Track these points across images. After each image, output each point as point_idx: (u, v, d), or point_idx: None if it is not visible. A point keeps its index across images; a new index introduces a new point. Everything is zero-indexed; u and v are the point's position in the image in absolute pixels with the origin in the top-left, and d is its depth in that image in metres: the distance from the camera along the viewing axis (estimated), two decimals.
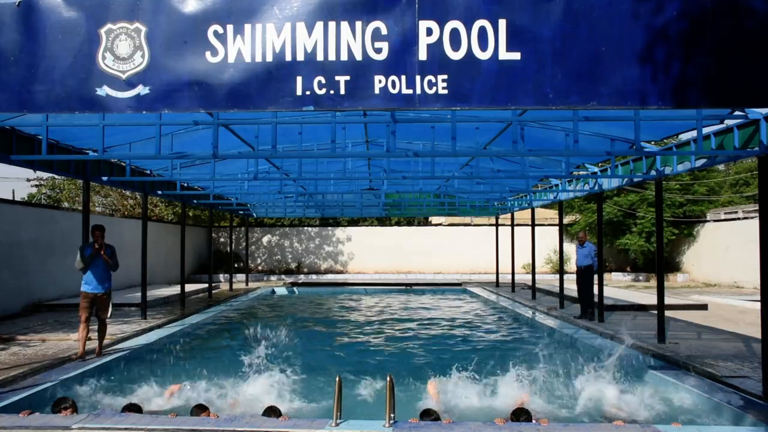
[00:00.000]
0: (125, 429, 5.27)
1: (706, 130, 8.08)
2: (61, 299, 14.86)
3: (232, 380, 7.63)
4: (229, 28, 4.12)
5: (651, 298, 15.19)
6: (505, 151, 10.87)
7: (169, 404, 6.83)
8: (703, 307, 14.97)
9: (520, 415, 5.75)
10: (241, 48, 4.12)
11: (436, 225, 34.24)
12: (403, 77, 4.08)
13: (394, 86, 4.09)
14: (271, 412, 5.89)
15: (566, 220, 27.61)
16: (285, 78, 4.12)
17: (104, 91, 4.19)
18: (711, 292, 19.75)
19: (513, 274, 21.01)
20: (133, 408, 6.04)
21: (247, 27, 4.11)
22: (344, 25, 4.07)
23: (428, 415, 5.77)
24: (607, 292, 14.73)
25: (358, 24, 4.07)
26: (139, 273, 13.77)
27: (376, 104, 4.14)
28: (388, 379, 5.40)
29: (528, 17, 4.02)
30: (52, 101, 4.24)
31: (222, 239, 30.75)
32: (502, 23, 4.02)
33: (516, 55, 4.04)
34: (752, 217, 22.11)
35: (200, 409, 6.06)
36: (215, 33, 4.13)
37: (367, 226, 32.74)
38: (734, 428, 5.78)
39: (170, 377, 7.60)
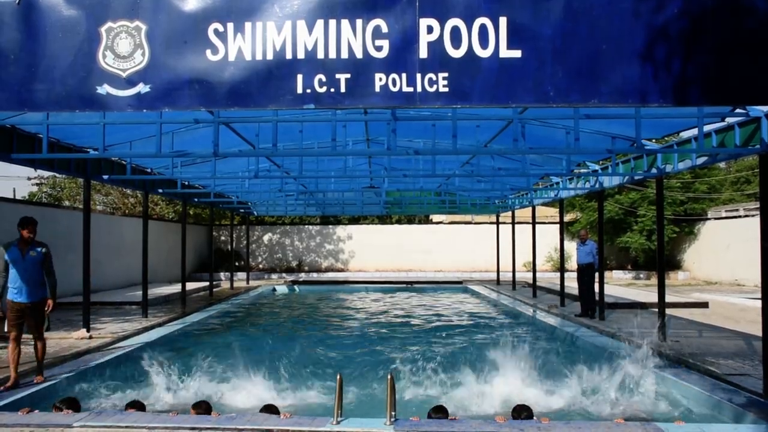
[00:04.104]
0: (126, 427, 5.28)
1: (707, 128, 8.08)
2: (62, 298, 14.85)
3: (232, 378, 7.64)
4: (230, 26, 4.12)
5: (652, 296, 15.15)
6: (505, 149, 10.87)
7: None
8: (704, 305, 14.97)
9: (522, 412, 5.76)
10: (242, 46, 4.12)
11: (437, 223, 34.23)
12: (404, 75, 4.08)
13: (394, 84, 4.09)
14: (269, 410, 5.89)
15: (567, 218, 27.60)
16: (285, 76, 4.12)
17: (105, 89, 4.19)
18: (712, 290, 19.75)
19: (514, 272, 21.01)
20: (137, 405, 6.05)
21: (248, 25, 4.11)
22: (345, 23, 4.07)
23: (438, 412, 5.76)
24: (608, 290, 14.74)
25: (359, 22, 4.07)
26: (139, 271, 13.79)
27: (376, 102, 4.15)
28: (388, 376, 5.40)
29: (528, 15, 4.02)
30: (52, 100, 4.24)
31: (223, 237, 30.76)
32: (503, 21, 4.02)
33: (517, 53, 4.04)
34: (753, 215, 22.09)
35: (199, 407, 6.06)
36: (216, 31, 4.13)
37: (367, 224, 32.75)
38: (735, 426, 5.78)
39: (172, 374, 7.61)
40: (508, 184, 15.81)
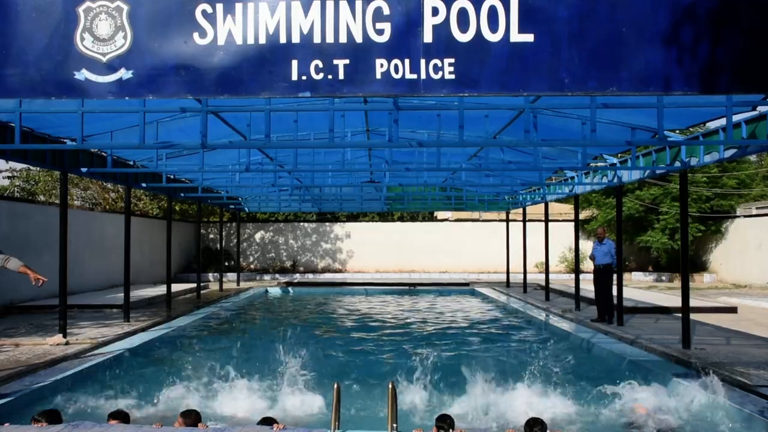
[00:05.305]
0: None
1: (736, 118, 8.05)
2: (36, 300, 14.88)
3: (221, 388, 7.64)
4: (219, 7, 4.11)
5: (675, 300, 15.19)
6: (516, 141, 10.85)
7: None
8: (733, 310, 14.96)
9: (534, 425, 5.75)
10: (232, 29, 4.10)
11: (442, 220, 34.23)
12: (407, 61, 4.07)
13: (396, 71, 4.08)
14: (267, 422, 5.90)
15: (582, 215, 27.59)
16: (279, 62, 4.11)
17: (83, 75, 4.18)
18: (741, 294, 19.74)
19: (525, 273, 21.03)
20: (120, 415, 6.05)
21: (238, 6, 4.10)
22: (343, 5, 4.06)
23: (443, 420, 5.78)
24: (627, 293, 14.73)
25: (358, 3, 4.05)
26: (121, 272, 13.79)
27: (377, 90, 4.14)
28: (389, 386, 5.40)
29: None
30: (25, 86, 4.23)
31: (211, 236, 30.77)
32: (514, 2, 4.01)
33: (529, 37, 4.02)
34: None
35: (189, 416, 6.07)
36: (204, 12, 4.12)
37: (367, 221, 32.76)
38: None
39: (155, 384, 7.62)
40: (518, 179, 15.79)
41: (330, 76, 4.10)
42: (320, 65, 4.09)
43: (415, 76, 4.08)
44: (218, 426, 5.95)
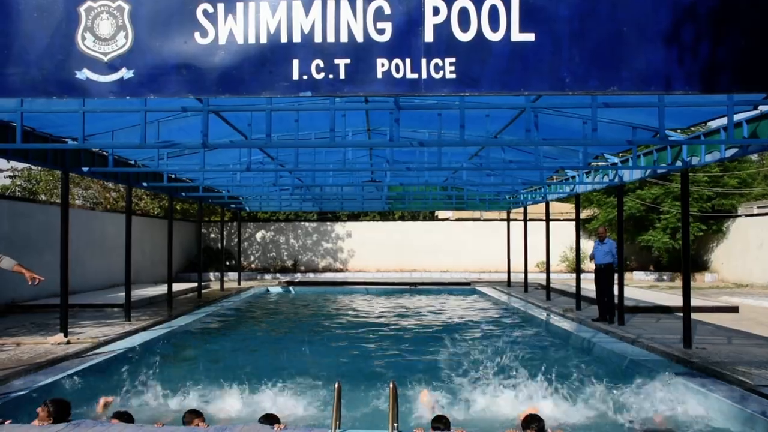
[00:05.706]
0: None
1: (737, 117, 8.05)
2: (38, 300, 14.90)
3: (224, 387, 7.65)
4: (220, 6, 4.12)
5: (676, 300, 15.18)
6: (517, 140, 10.86)
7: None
8: (734, 309, 14.95)
9: (531, 423, 5.75)
10: (233, 28, 4.11)
11: (443, 220, 34.23)
12: (408, 60, 4.07)
13: (397, 70, 4.08)
14: (268, 420, 5.91)
15: (583, 214, 27.58)
16: (280, 61, 4.11)
17: (84, 74, 4.19)
18: (742, 294, 19.73)
19: (526, 272, 21.04)
20: (123, 416, 6.05)
21: (240, 6, 4.10)
22: (344, 4, 4.06)
23: (438, 421, 5.78)
24: (628, 292, 14.74)
25: (359, 3, 4.05)
26: (122, 271, 13.79)
27: (378, 89, 4.14)
28: (390, 386, 5.40)
29: None
30: (27, 85, 4.23)
31: (212, 235, 30.79)
32: (515, 2, 4.01)
33: (530, 37, 4.02)
34: None
35: (193, 415, 6.08)
36: (205, 12, 4.12)
37: (368, 221, 32.78)
38: None
39: (156, 383, 7.63)
40: (519, 178, 15.79)
41: (331, 76, 4.11)
42: (321, 65, 4.10)
43: (416, 76, 4.08)
44: (218, 426, 5.95)
